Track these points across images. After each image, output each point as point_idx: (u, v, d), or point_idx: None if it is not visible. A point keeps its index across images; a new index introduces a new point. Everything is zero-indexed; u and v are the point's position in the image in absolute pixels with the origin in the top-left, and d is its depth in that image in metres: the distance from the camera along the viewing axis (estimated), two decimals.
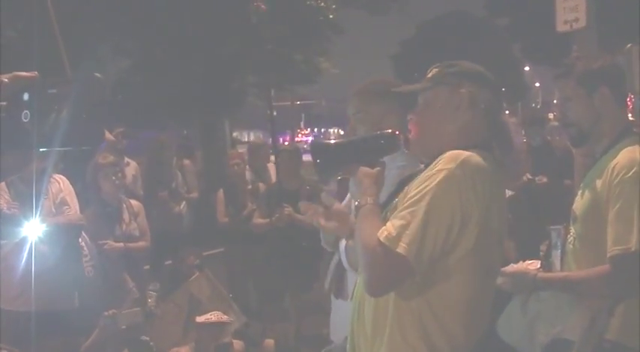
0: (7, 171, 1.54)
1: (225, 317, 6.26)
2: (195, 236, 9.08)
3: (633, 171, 3.26)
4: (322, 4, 30.13)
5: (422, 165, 2.98)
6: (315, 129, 77.38)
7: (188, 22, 23.95)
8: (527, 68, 58.69)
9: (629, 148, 3.36)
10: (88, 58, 22.60)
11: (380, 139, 2.90)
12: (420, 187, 2.69)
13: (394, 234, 2.62)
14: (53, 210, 5.63)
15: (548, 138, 9.13)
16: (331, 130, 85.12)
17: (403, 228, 2.62)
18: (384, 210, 2.88)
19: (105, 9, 22.20)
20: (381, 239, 2.63)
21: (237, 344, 6.77)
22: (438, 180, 2.66)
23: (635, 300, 3.30)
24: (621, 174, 3.28)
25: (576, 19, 7.68)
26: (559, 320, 3.42)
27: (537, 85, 68.48)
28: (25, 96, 1.48)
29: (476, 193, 2.67)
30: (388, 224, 2.68)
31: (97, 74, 1.50)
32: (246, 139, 71.56)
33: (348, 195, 3.61)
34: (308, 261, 6.99)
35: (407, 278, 2.68)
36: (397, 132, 2.87)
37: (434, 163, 2.75)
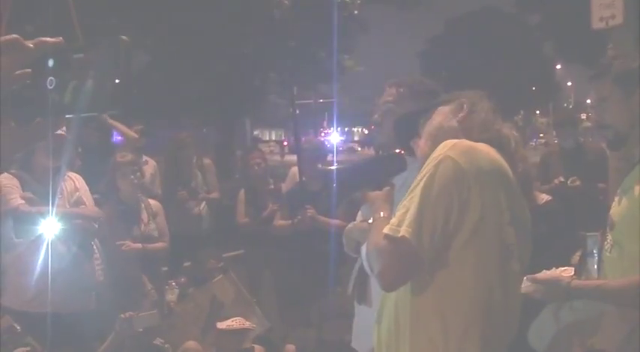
0: (34, 138, 1.55)
1: (248, 323, 6.26)
2: (215, 237, 9.08)
3: None
4: None
5: None
6: (339, 129, 77.61)
7: (208, 18, 24.03)
8: (559, 67, 58.42)
9: None
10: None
11: (386, 161, 3.00)
12: (418, 176, 2.78)
13: (396, 223, 2.73)
14: (67, 205, 5.63)
15: (581, 139, 9.04)
16: (355, 129, 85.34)
17: (403, 215, 2.73)
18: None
19: (124, 5, 22.32)
20: (385, 231, 2.74)
21: (258, 349, 6.77)
22: (432, 165, 2.74)
23: None
24: None
25: (613, 16, 7.60)
26: (594, 331, 3.39)
27: (569, 84, 68.21)
28: (50, 63, 1.49)
29: (472, 174, 2.73)
30: (392, 219, 2.79)
31: (124, 37, 1.50)
32: (267, 138, 71.87)
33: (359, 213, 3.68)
34: (330, 264, 6.97)
35: (415, 263, 2.75)
36: (402, 152, 2.94)
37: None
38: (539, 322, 3.60)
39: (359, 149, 64.82)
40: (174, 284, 6.88)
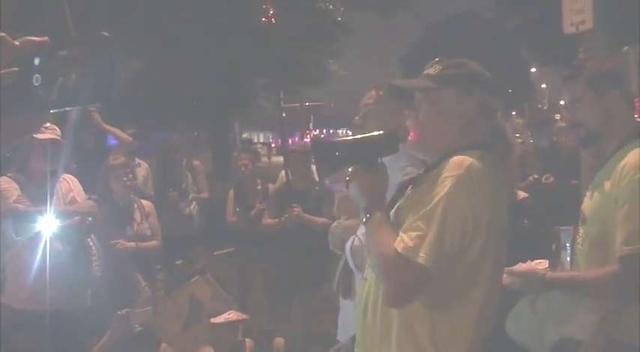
0: (21, 132, 1.55)
1: (242, 315, 6.30)
2: (206, 235, 9.06)
3: None
4: (331, 6, 30.20)
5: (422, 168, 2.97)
6: (324, 131, 77.45)
7: (198, 26, 24.00)
8: (534, 69, 58.56)
9: (637, 149, 3.33)
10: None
11: (379, 139, 2.90)
12: (431, 195, 2.70)
13: (411, 245, 2.65)
14: (63, 204, 5.62)
15: (555, 138, 9.08)
16: (340, 131, 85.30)
17: (420, 238, 2.65)
18: (389, 208, 2.90)
19: (117, 12, 22.27)
20: (399, 250, 2.66)
21: (249, 342, 6.79)
22: (447, 187, 2.68)
23: None
24: (630, 175, 3.26)
25: (583, 21, 7.64)
26: (568, 320, 3.40)
27: (544, 86, 68.35)
28: (36, 61, 1.49)
29: (484, 196, 2.70)
30: (403, 235, 2.69)
31: (105, 33, 1.51)
32: (255, 140, 71.75)
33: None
34: (317, 260, 6.97)
35: (427, 286, 2.70)
36: (396, 132, 2.87)
37: (439, 168, 2.77)
38: (517, 312, 3.61)
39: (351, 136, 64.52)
40: (158, 279, 6.83)
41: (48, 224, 5.16)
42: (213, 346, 6.23)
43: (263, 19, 7.37)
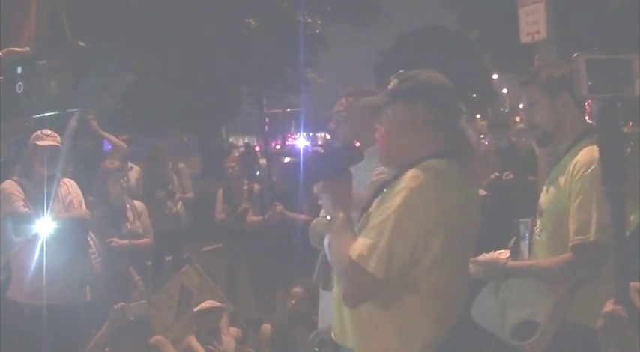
0: (5, 136, 1.54)
1: (217, 303, 6.28)
2: (194, 233, 9.05)
3: (592, 168, 3.26)
4: (309, 19, 30.23)
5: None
6: (304, 134, 77.47)
7: (187, 40, 23.97)
8: (495, 76, 58.80)
9: (588, 148, 3.36)
10: (96, 74, 22.62)
11: (343, 151, 2.95)
12: (387, 205, 2.69)
13: (365, 253, 2.64)
14: (63, 211, 5.60)
15: (514, 139, 9.16)
16: (319, 134, 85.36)
17: (372, 247, 2.64)
18: (362, 213, 2.89)
19: (112, 28, 22.20)
20: (354, 257, 2.65)
21: (234, 330, 6.78)
22: (400, 200, 2.66)
23: (594, 284, 3.29)
24: (581, 171, 3.30)
25: (537, 32, 7.73)
26: (526, 304, 3.42)
27: (505, 91, 68.59)
28: (19, 70, 1.48)
29: (438, 207, 2.67)
30: (360, 240, 2.69)
31: (81, 43, 1.51)
32: (241, 143, 71.56)
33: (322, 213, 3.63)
34: (298, 254, 6.96)
35: (378, 290, 2.70)
36: (358, 144, 2.89)
37: (399, 179, 2.75)
38: (481, 298, 3.62)
39: (322, 151, 64.63)
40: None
41: (45, 226, 5.14)
42: (196, 334, 6.21)
43: (245, 33, 7.37)
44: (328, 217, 2.90)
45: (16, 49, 1.46)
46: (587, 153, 3.33)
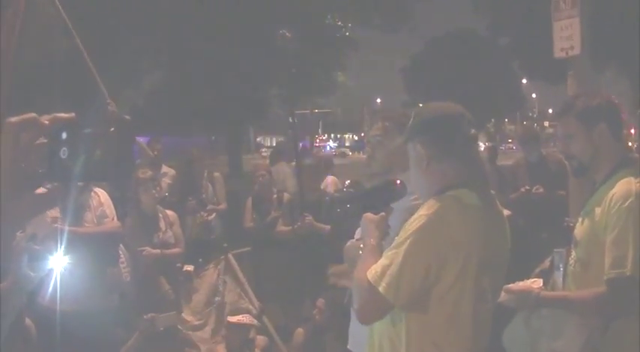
0: (50, 203, 1.56)
1: (250, 320, 6.36)
2: (224, 239, 9.05)
3: (629, 201, 3.24)
4: (339, 22, 30.28)
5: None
6: (332, 135, 77.66)
7: (217, 40, 24.06)
8: (524, 81, 58.48)
9: (625, 180, 3.33)
10: (126, 71, 22.80)
11: (385, 189, 3.02)
12: (406, 229, 2.76)
13: (379, 273, 2.72)
14: (95, 221, 5.65)
15: (544, 152, 9.09)
16: (346, 136, 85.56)
17: (386, 268, 2.72)
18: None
19: (142, 26, 22.33)
20: (369, 276, 2.73)
21: (261, 339, 6.81)
22: (417, 226, 2.72)
23: (628, 319, 3.27)
24: (618, 204, 3.27)
25: (571, 47, 7.67)
26: (559, 336, 3.40)
27: (534, 96, 68.30)
28: (64, 135, 1.50)
29: (454, 234, 2.71)
30: (379, 261, 2.76)
31: (127, 116, 1.53)
32: (268, 144, 71.84)
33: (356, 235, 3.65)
34: (325, 265, 6.96)
35: (388, 310, 2.77)
36: (399, 182, 2.94)
37: (421, 207, 2.82)
38: (512, 327, 3.61)
39: (350, 153, 64.83)
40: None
41: (59, 262, 5.11)
42: (226, 341, 6.28)
43: (279, 43, 7.39)
44: (361, 245, 2.96)
45: (62, 114, 1.48)
46: (625, 186, 3.31)
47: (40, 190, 1.50)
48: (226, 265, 7.22)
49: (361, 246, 2.99)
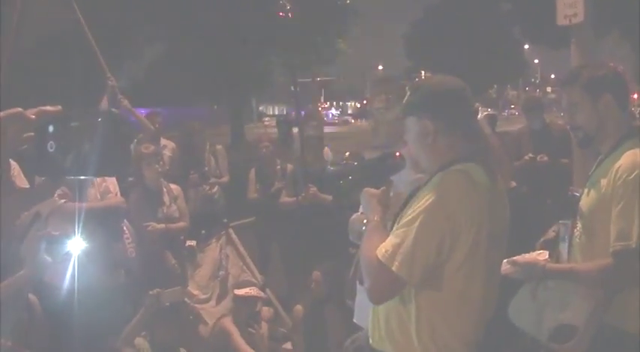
0: (40, 197, 1.55)
1: (256, 292, 6.38)
2: (228, 212, 9.04)
3: (635, 173, 3.24)
4: None
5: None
6: (335, 103, 77.50)
7: (217, 9, 23.93)
8: (526, 46, 58.16)
9: (631, 151, 3.32)
10: (125, 43, 22.72)
11: (385, 162, 3.00)
12: (414, 207, 2.73)
13: (390, 252, 2.70)
14: (98, 196, 5.65)
15: (547, 120, 9.05)
16: (348, 103, 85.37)
17: (397, 246, 2.70)
18: (395, 218, 2.91)
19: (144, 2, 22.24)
20: (379, 256, 2.72)
21: (267, 310, 6.85)
22: (428, 203, 2.70)
23: (633, 290, 3.29)
24: (624, 176, 3.26)
25: (575, 15, 7.62)
26: (565, 308, 3.42)
27: (536, 61, 68.03)
28: (50, 128, 1.48)
29: (465, 208, 2.69)
30: (387, 240, 2.75)
31: (114, 109, 1.52)
32: (271, 113, 71.71)
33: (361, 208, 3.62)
34: (331, 236, 6.96)
35: (402, 289, 2.77)
36: (398, 154, 2.92)
37: (428, 184, 2.80)
38: (518, 299, 3.63)
39: (352, 121, 64.71)
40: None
41: (77, 245, 5.12)
42: (233, 314, 6.30)
43: (280, 14, 7.30)
44: (365, 221, 2.95)
45: (48, 108, 1.46)
46: (631, 158, 3.29)
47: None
48: (227, 239, 7.27)
49: (364, 221, 2.97)
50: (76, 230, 4.87)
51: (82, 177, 1.52)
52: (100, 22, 12.41)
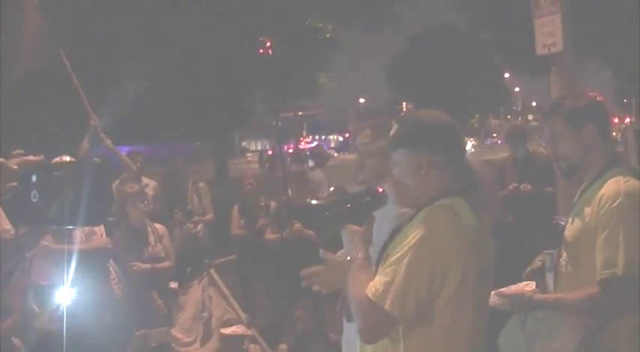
0: (23, 248, 1.55)
1: (243, 330, 6.35)
2: (212, 248, 9.01)
3: (618, 201, 3.25)
4: (320, 24, 30.30)
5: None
6: (317, 137, 77.61)
7: (199, 46, 24.03)
8: (507, 75, 58.66)
9: (614, 179, 3.34)
10: (110, 83, 22.71)
11: (366, 197, 2.96)
12: (403, 244, 2.72)
13: (380, 291, 2.68)
14: (83, 238, 5.63)
15: (530, 149, 9.11)
16: (331, 137, 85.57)
17: (388, 285, 2.68)
18: (380, 255, 2.91)
19: (123, 36, 22.30)
20: (370, 295, 2.69)
21: (254, 348, 6.80)
22: (416, 239, 2.69)
23: (622, 318, 3.29)
24: (608, 204, 3.27)
25: (554, 44, 7.71)
26: (555, 338, 3.41)
27: (517, 89, 68.53)
28: (33, 178, 1.47)
29: (453, 243, 2.69)
30: (376, 279, 2.73)
31: (97, 159, 1.52)
32: (253, 148, 71.69)
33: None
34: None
35: (393, 327, 2.75)
36: (381, 190, 2.90)
37: (415, 219, 2.80)
38: (507, 330, 3.63)
39: (335, 154, 64.83)
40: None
41: (66, 295, 5.05)
42: None
43: (260, 51, 7.38)
44: (348, 258, 2.92)
45: (31, 158, 1.47)
46: (614, 186, 3.31)
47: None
48: (209, 280, 7.22)
49: (348, 258, 2.94)
50: (63, 273, 4.86)
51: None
52: (82, 59, 12.43)
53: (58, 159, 5.49)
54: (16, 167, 1.46)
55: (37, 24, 7.11)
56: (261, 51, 7.26)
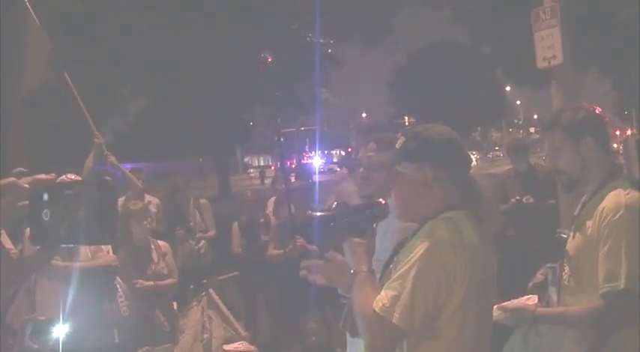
0: (34, 267, 1.55)
1: (251, 347, 6.33)
2: (214, 265, 9.02)
3: (619, 214, 3.26)
4: (321, 40, 30.38)
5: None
6: (319, 152, 77.68)
7: (200, 63, 24.10)
8: (508, 88, 58.74)
9: (614, 192, 3.35)
10: (111, 99, 22.84)
11: (368, 209, 2.96)
12: (408, 258, 2.72)
13: (388, 305, 2.68)
14: (89, 255, 5.63)
15: (532, 162, 9.13)
16: (333, 152, 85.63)
17: (395, 299, 2.67)
18: (384, 269, 2.93)
19: (125, 54, 22.37)
20: (377, 309, 2.69)
21: None
22: (421, 252, 2.69)
23: (625, 331, 3.29)
24: (609, 217, 3.28)
25: (553, 56, 7.75)
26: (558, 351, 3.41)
27: (519, 102, 68.62)
28: (45, 197, 1.48)
29: (457, 258, 2.70)
30: (382, 293, 2.73)
31: (107, 177, 1.53)
32: (256, 164, 71.79)
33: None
34: (320, 289, 6.92)
35: (401, 341, 2.76)
36: (384, 202, 2.90)
37: (419, 233, 2.80)
38: (511, 344, 3.63)
39: (338, 169, 64.78)
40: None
41: (62, 331, 5.03)
42: None
43: (261, 67, 7.40)
44: (352, 271, 2.92)
45: (42, 176, 1.48)
46: (615, 198, 3.32)
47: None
48: (209, 301, 7.17)
49: (352, 271, 2.93)
50: (67, 294, 4.87)
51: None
52: (85, 76, 12.50)
53: (63, 177, 5.52)
54: (27, 186, 1.47)
55: (43, 48, 7.16)
56: (262, 67, 7.26)
